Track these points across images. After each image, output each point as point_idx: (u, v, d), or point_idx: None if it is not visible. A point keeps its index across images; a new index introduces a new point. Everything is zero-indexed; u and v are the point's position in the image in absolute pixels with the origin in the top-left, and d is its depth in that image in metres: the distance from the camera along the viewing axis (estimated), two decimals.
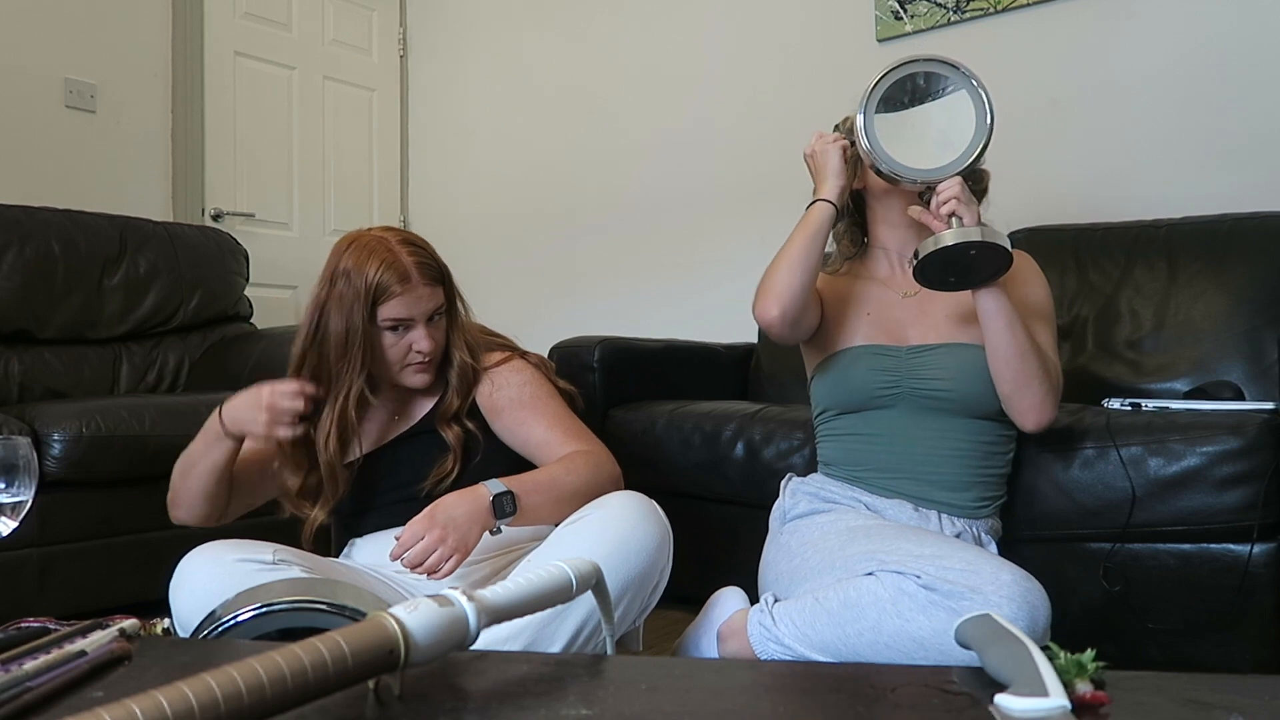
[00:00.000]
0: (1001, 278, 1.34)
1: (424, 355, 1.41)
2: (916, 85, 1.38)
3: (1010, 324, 1.33)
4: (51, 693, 0.75)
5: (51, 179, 2.93)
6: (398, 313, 1.38)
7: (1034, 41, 2.50)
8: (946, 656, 1.11)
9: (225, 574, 1.21)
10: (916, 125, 1.38)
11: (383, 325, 1.39)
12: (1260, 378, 1.87)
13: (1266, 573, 1.43)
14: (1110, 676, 0.74)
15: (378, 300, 1.37)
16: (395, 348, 1.41)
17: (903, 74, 1.37)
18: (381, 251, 1.38)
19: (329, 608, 1.06)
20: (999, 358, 1.35)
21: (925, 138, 1.37)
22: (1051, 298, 1.51)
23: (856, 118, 1.37)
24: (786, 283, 1.43)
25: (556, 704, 0.74)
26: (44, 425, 1.99)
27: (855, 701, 0.77)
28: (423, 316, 1.40)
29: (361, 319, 1.37)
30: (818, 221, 1.45)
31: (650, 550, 1.24)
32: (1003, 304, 1.33)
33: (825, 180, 1.47)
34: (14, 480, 1.01)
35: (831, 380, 1.48)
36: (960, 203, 1.31)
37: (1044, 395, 1.36)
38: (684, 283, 3.19)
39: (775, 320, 1.44)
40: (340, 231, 3.92)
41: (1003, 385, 1.37)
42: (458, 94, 3.87)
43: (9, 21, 2.88)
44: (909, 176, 1.36)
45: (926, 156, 1.36)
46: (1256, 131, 2.21)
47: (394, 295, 1.37)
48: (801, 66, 2.96)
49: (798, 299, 1.43)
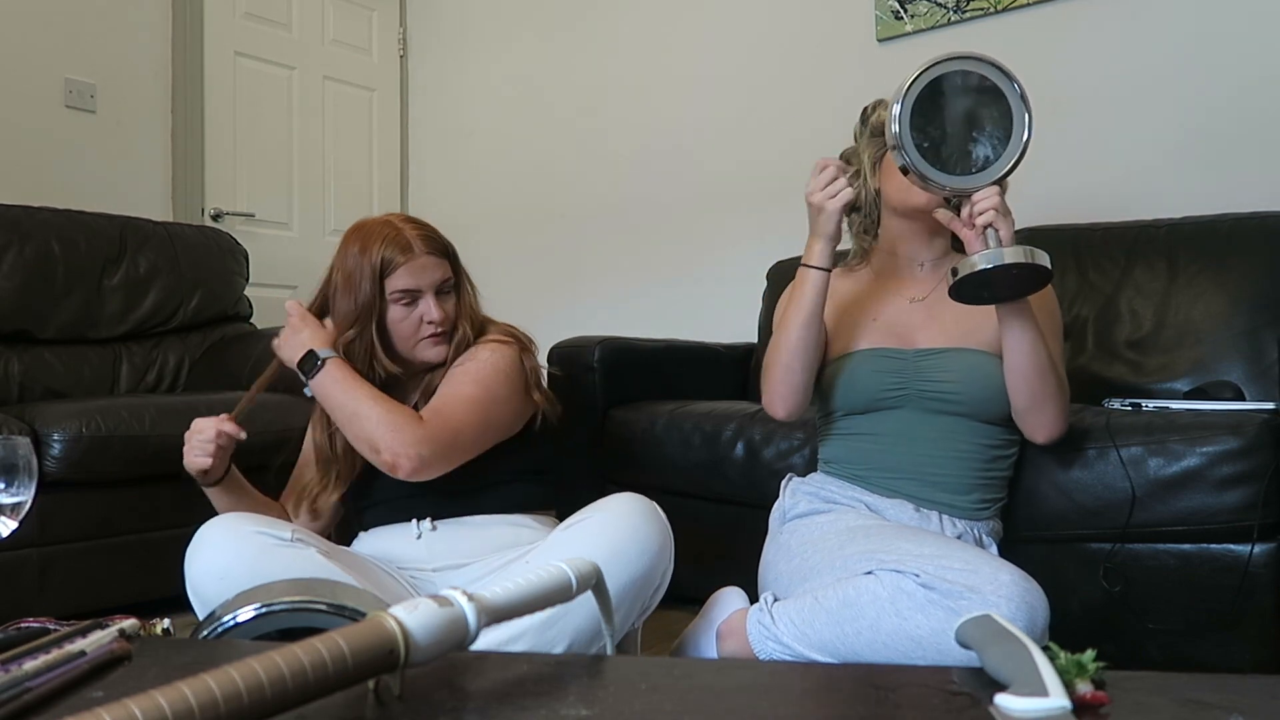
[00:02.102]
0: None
1: (436, 325, 1.44)
2: (954, 85, 1.27)
3: (1034, 343, 1.32)
4: (51, 693, 0.75)
5: (51, 179, 2.93)
6: (405, 283, 1.42)
7: (1034, 41, 2.50)
8: (945, 656, 1.11)
9: (242, 545, 1.23)
10: (952, 126, 1.28)
11: (392, 299, 1.43)
12: (1260, 378, 1.87)
13: (1266, 573, 1.43)
14: (1110, 676, 0.74)
15: (385, 273, 1.41)
16: (407, 321, 1.44)
17: (945, 70, 1.26)
18: (384, 229, 1.44)
19: (329, 608, 1.06)
20: (1018, 374, 1.34)
21: (961, 141, 1.28)
22: (1059, 311, 1.51)
23: (890, 116, 1.25)
24: (789, 384, 1.43)
25: (556, 704, 0.74)
26: (44, 425, 1.99)
27: (855, 701, 0.77)
28: (430, 287, 1.44)
29: (371, 294, 1.41)
30: (812, 297, 1.39)
31: (651, 553, 1.24)
32: (1028, 323, 1.31)
33: (818, 240, 1.39)
34: (14, 480, 1.01)
35: (838, 383, 1.48)
36: (998, 214, 1.25)
37: (1058, 413, 1.37)
38: (684, 283, 3.19)
39: (783, 419, 1.47)
40: (340, 231, 3.87)
41: (1019, 400, 1.36)
42: (458, 94, 3.87)
43: (9, 21, 2.88)
44: (945, 185, 1.27)
45: (960, 162, 1.27)
46: (1256, 131, 2.21)
47: (399, 265, 1.41)
48: (801, 66, 2.96)
49: (802, 393, 1.44)
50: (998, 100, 1.26)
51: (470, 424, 1.39)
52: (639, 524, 1.25)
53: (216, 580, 1.18)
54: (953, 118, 1.27)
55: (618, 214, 3.38)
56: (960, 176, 1.27)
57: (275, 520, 1.33)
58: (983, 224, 1.26)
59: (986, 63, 1.27)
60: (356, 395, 1.36)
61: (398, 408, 1.37)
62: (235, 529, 1.26)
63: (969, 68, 1.27)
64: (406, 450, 1.32)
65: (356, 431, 1.36)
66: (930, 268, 1.51)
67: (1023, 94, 1.26)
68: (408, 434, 1.32)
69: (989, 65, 1.27)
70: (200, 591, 1.23)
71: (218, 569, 1.21)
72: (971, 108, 1.27)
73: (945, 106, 1.27)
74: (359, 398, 1.36)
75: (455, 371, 1.45)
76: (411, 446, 1.32)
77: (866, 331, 1.49)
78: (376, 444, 1.33)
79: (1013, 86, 1.26)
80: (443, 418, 1.37)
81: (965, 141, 1.28)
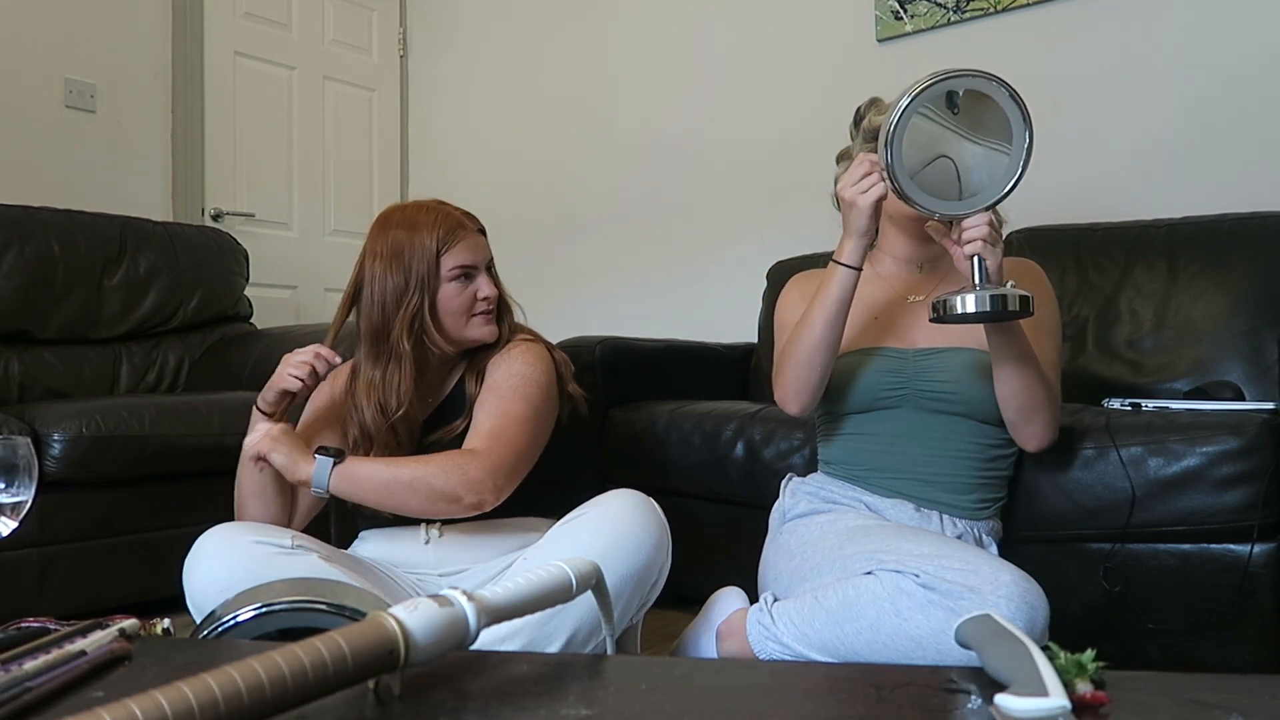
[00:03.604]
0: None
1: (489, 302, 1.45)
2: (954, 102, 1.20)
3: (1021, 359, 1.30)
4: (51, 693, 0.75)
5: (51, 179, 2.93)
6: (463, 259, 1.42)
7: (1034, 41, 2.50)
8: (944, 655, 1.11)
9: (241, 555, 1.22)
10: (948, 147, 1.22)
11: (449, 276, 1.42)
12: (1260, 378, 1.87)
13: (1266, 573, 1.43)
14: (1110, 676, 0.74)
15: (442, 250, 1.41)
16: (461, 298, 1.43)
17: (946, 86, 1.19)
18: (431, 209, 1.45)
19: (329, 608, 1.06)
20: (1007, 389, 1.33)
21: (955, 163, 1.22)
22: (1059, 313, 1.50)
23: (881, 137, 1.21)
24: (805, 379, 1.39)
25: (556, 704, 0.74)
26: (44, 425, 1.99)
27: (855, 701, 0.77)
28: (483, 264, 1.46)
29: (427, 271, 1.40)
30: (840, 295, 1.36)
31: (649, 547, 1.24)
32: (1014, 339, 1.30)
33: (850, 238, 1.34)
34: (14, 480, 1.01)
35: (838, 382, 1.48)
36: (985, 244, 1.21)
37: (1047, 424, 1.36)
38: (684, 283, 3.19)
39: (795, 414, 1.44)
40: (340, 231, 3.94)
41: (1008, 413, 1.36)
42: (458, 94, 3.87)
43: (9, 21, 2.88)
44: (934, 210, 1.23)
45: (953, 182, 1.22)
46: (1256, 131, 2.21)
47: (457, 241, 1.42)
48: (801, 66, 2.96)
49: (817, 391, 1.41)
50: (999, 120, 1.20)
51: (527, 444, 1.38)
52: (635, 518, 1.25)
53: (219, 593, 1.16)
54: (949, 138, 1.22)
55: (618, 214, 3.38)
56: (950, 202, 1.22)
57: (273, 528, 1.32)
58: (968, 253, 1.22)
59: (993, 80, 1.19)
60: (400, 463, 1.32)
61: (440, 455, 1.34)
62: (233, 539, 1.25)
63: (973, 85, 1.20)
64: (483, 484, 1.30)
65: (424, 494, 1.30)
66: (929, 268, 1.51)
67: (1026, 116, 1.19)
68: (473, 471, 1.30)
69: (995, 83, 1.19)
70: (200, 604, 1.21)
71: (219, 581, 1.19)
72: (970, 128, 1.21)
73: (943, 125, 1.21)
74: (404, 463, 1.32)
75: (500, 384, 1.42)
76: (486, 480, 1.30)
77: (867, 330, 1.49)
78: (453, 493, 1.29)
79: (1016, 109, 1.19)
80: (503, 443, 1.35)
81: (960, 164, 1.22)
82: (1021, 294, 1.20)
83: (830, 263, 1.38)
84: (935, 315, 1.24)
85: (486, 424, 1.38)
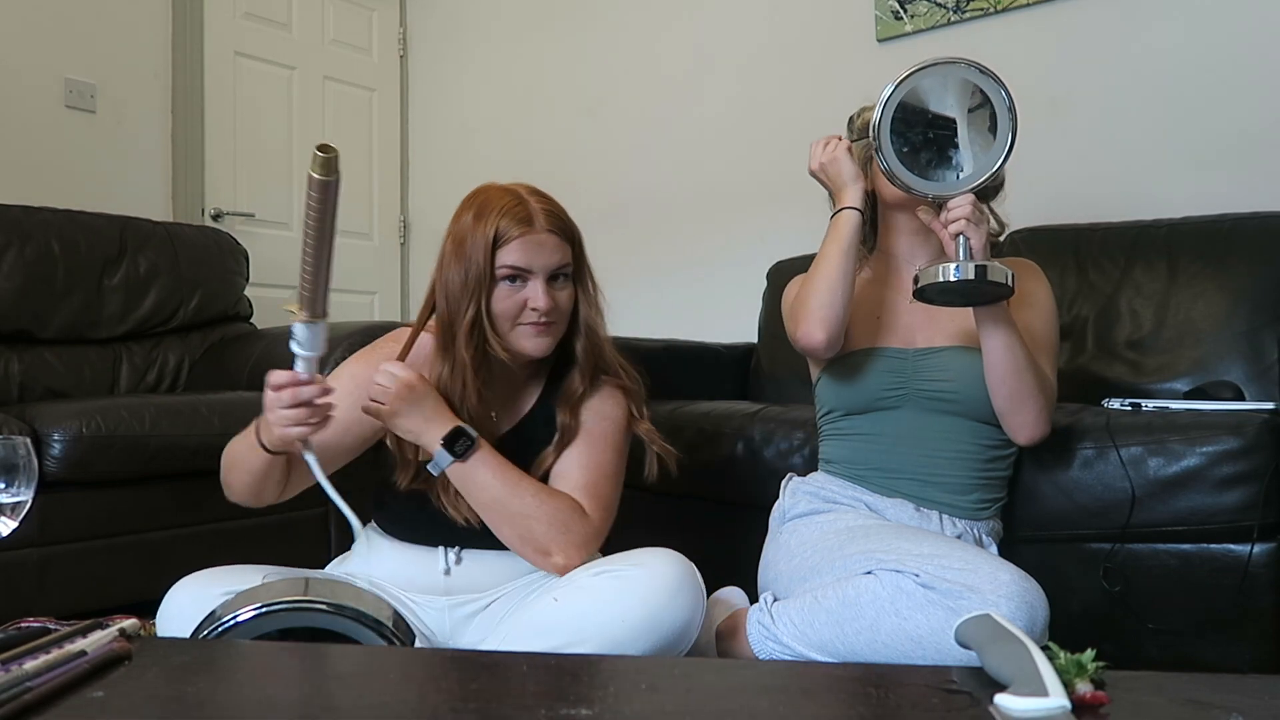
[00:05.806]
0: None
1: (539, 314, 1.27)
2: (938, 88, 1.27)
3: (1008, 343, 1.31)
4: (51, 693, 0.75)
5: (51, 179, 2.93)
6: (515, 259, 1.26)
7: (1034, 41, 2.50)
8: (944, 655, 1.11)
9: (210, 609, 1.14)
10: (935, 130, 1.28)
11: (500, 274, 1.27)
12: (1260, 378, 1.86)
13: (1266, 573, 1.43)
14: (1110, 676, 0.74)
15: (497, 244, 1.26)
16: (510, 302, 1.27)
17: (931, 74, 1.26)
18: (506, 197, 1.30)
19: (329, 607, 1.06)
20: (996, 374, 1.34)
21: (943, 145, 1.28)
22: (1056, 310, 1.50)
23: (873, 118, 1.28)
24: (829, 304, 1.40)
25: (556, 704, 0.74)
26: (44, 425, 1.99)
27: (855, 701, 0.77)
28: (543, 270, 1.28)
29: (482, 266, 1.26)
30: (848, 233, 1.41)
31: (683, 620, 1.17)
32: (1001, 323, 1.31)
33: (845, 187, 1.43)
34: (14, 480, 1.01)
35: (840, 382, 1.48)
36: (969, 224, 1.25)
37: (1038, 412, 1.36)
38: (684, 282, 3.19)
39: (820, 345, 1.42)
40: (340, 231, 3.91)
41: (998, 400, 1.36)
42: (458, 94, 3.87)
43: (9, 21, 2.88)
44: (919, 190, 1.29)
45: (941, 167, 1.28)
46: (1255, 131, 2.21)
47: (513, 238, 1.26)
48: (801, 66, 2.96)
49: (842, 321, 1.41)
50: (984, 107, 1.26)
51: (616, 500, 1.32)
52: (676, 589, 1.17)
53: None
54: (935, 122, 1.28)
55: (618, 214, 3.37)
56: (936, 183, 1.28)
57: (243, 572, 1.23)
58: (953, 232, 1.26)
59: (976, 68, 1.26)
60: (519, 488, 1.24)
61: (556, 497, 1.25)
62: (203, 592, 1.18)
63: (958, 74, 1.26)
64: (579, 551, 1.23)
65: (519, 533, 1.23)
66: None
67: (1010, 104, 1.24)
68: (577, 532, 1.23)
69: (978, 71, 1.26)
70: None
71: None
72: (956, 113, 1.27)
73: (929, 111, 1.27)
74: (522, 491, 1.24)
75: (591, 429, 1.33)
76: (585, 546, 1.24)
77: (869, 329, 1.49)
78: (547, 548, 1.23)
79: (1001, 95, 1.25)
80: (601, 503, 1.28)
81: (946, 147, 1.28)
82: (1003, 268, 1.23)
83: (833, 216, 1.42)
84: (916, 287, 1.27)
85: (579, 475, 1.29)
